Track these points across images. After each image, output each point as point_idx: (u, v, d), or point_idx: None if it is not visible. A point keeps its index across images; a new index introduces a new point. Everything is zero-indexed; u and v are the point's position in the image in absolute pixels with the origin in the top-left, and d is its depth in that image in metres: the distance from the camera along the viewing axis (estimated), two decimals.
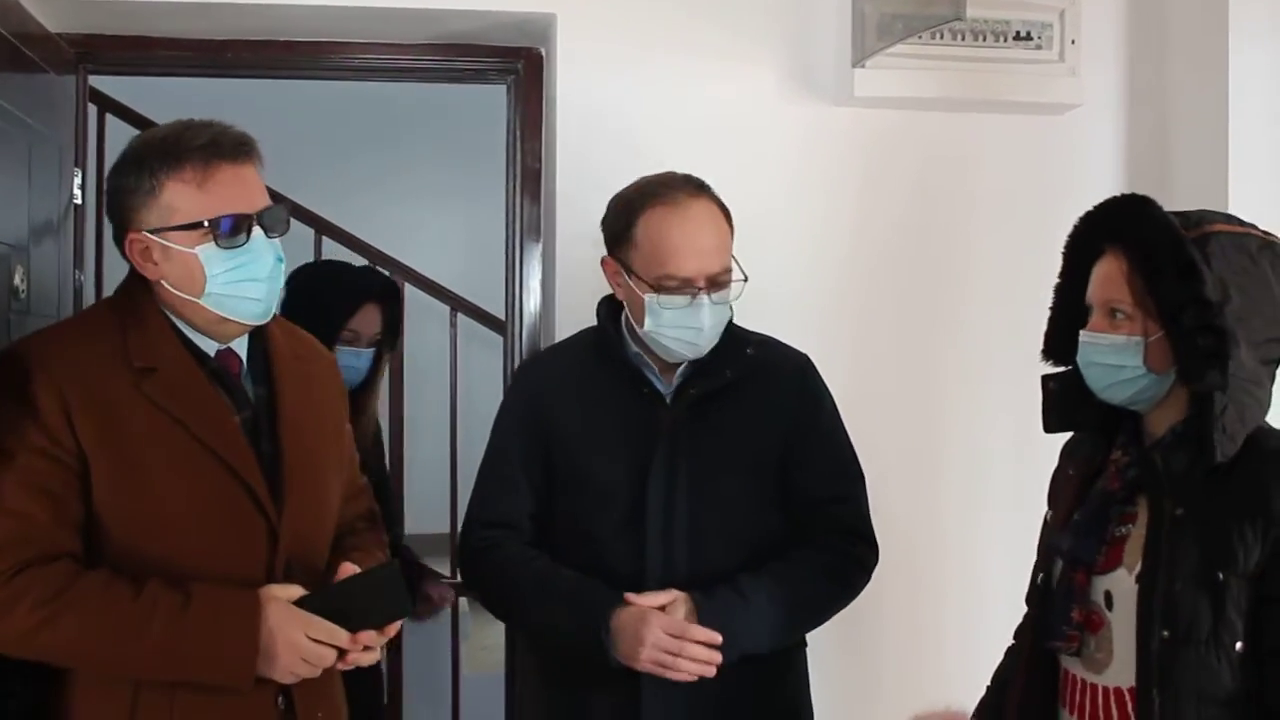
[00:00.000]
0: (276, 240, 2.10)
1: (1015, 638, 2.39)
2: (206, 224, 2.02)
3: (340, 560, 2.14)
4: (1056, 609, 2.09)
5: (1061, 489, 2.23)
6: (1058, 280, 2.22)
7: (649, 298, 2.37)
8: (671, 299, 2.36)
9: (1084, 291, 2.12)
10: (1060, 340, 2.20)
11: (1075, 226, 2.18)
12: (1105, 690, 2.05)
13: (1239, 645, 1.94)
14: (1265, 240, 2.05)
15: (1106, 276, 2.06)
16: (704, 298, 2.36)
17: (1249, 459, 1.97)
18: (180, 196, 2.02)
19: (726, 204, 2.44)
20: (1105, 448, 2.16)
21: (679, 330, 2.38)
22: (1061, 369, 2.21)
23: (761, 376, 2.51)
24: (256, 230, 2.06)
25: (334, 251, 4.78)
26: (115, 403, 2.00)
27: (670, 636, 2.28)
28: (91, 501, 1.99)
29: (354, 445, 2.42)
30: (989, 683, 2.41)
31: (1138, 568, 2.00)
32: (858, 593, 2.52)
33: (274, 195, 2.16)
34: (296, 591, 2.03)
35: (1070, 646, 2.07)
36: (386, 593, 2.08)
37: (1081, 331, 2.09)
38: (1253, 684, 1.94)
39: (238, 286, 2.06)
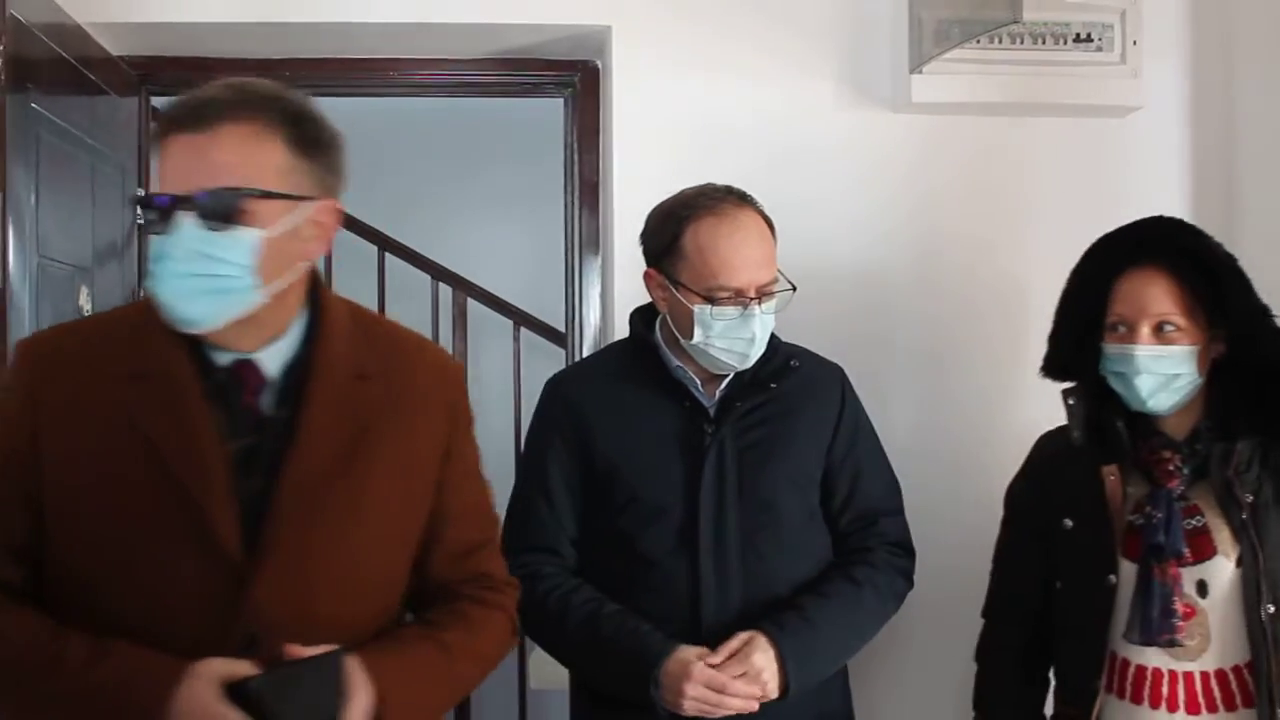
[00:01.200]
0: (210, 230, 1.68)
1: (987, 657, 2.50)
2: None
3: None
4: (1157, 606, 2.18)
5: (1086, 494, 2.30)
6: (1066, 297, 2.37)
7: (699, 309, 2.36)
8: (723, 310, 2.35)
9: (1090, 310, 2.29)
10: (1065, 357, 2.36)
11: (1094, 247, 2.35)
12: (1205, 675, 2.21)
13: None
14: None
15: (1151, 294, 2.21)
16: (755, 308, 2.35)
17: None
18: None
19: (784, 213, 2.44)
20: (1131, 450, 2.28)
21: (730, 341, 2.37)
22: (1070, 384, 2.36)
23: (802, 388, 2.50)
24: (182, 215, 1.67)
25: (396, 267, 4.81)
26: (92, 408, 1.73)
27: (711, 690, 2.27)
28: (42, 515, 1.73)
29: (474, 488, 2.00)
30: (981, 710, 2.49)
31: (1235, 553, 2.18)
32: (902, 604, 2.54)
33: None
34: (242, 670, 1.63)
35: (1182, 637, 2.18)
36: (320, 688, 1.67)
37: (1128, 345, 2.22)
38: None
39: (151, 278, 1.73)
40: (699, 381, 2.46)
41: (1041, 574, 2.38)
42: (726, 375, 2.45)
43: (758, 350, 2.40)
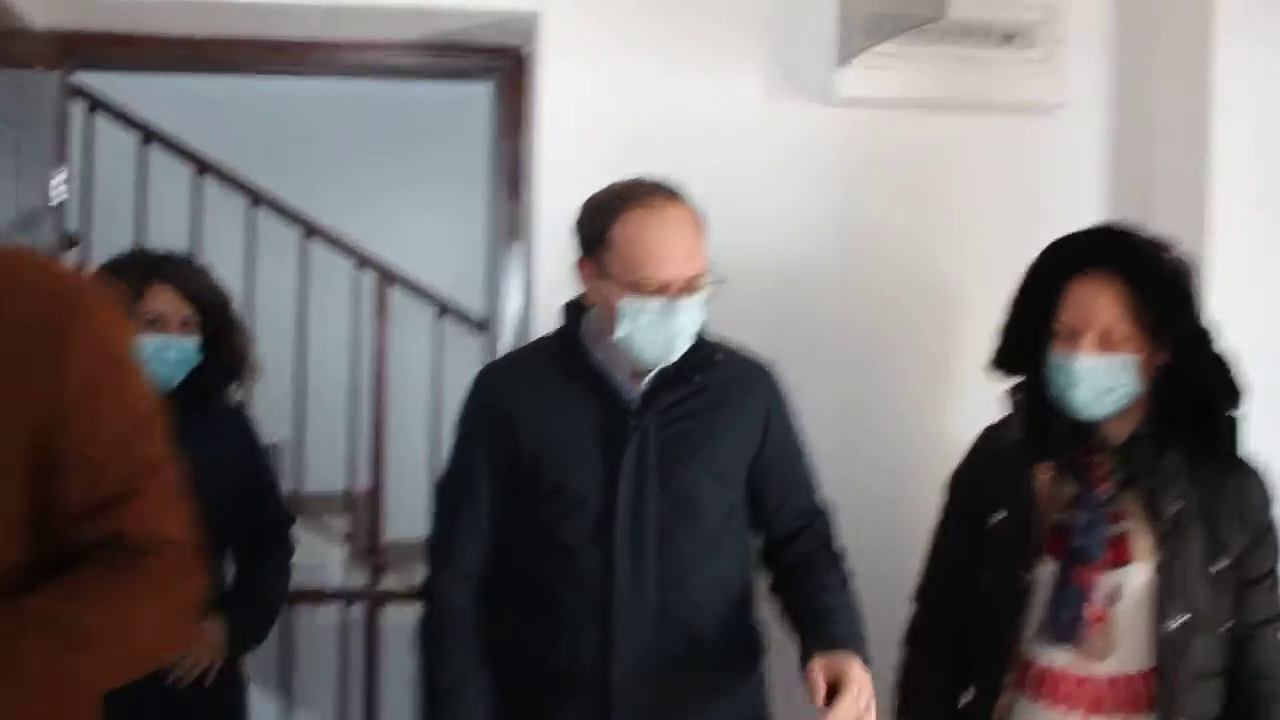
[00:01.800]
0: None
1: (915, 642, 2.51)
2: None
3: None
4: (1069, 607, 2.22)
5: (1019, 490, 2.33)
6: (1019, 297, 2.37)
7: (625, 301, 2.34)
8: (648, 302, 2.34)
9: (1042, 310, 2.29)
10: (1014, 354, 2.37)
11: (1048, 250, 2.35)
12: (1110, 678, 2.23)
13: (1226, 625, 2.23)
14: (1186, 258, 2.29)
15: (1097, 302, 2.22)
16: (680, 301, 2.35)
17: (1216, 457, 2.24)
18: None
19: (711, 205, 2.43)
20: (1071, 451, 2.30)
21: (655, 334, 2.36)
22: (1016, 380, 2.38)
23: (730, 384, 2.49)
24: None
25: (318, 254, 4.77)
26: None
27: None
28: None
29: (106, 434, 1.63)
30: (902, 696, 2.49)
31: (1151, 560, 2.21)
32: None
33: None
34: None
35: (1089, 640, 2.22)
36: None
37: (1073, 353, 2.23)
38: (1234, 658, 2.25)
39: None
40: (624, 375, 2.46)
41: (973, 564, 2.39)
42: (651, 369, 2.45)
43: (683, 344, 2.39)
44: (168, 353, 2.89)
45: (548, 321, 2.85)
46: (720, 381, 2.47)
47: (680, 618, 2.40)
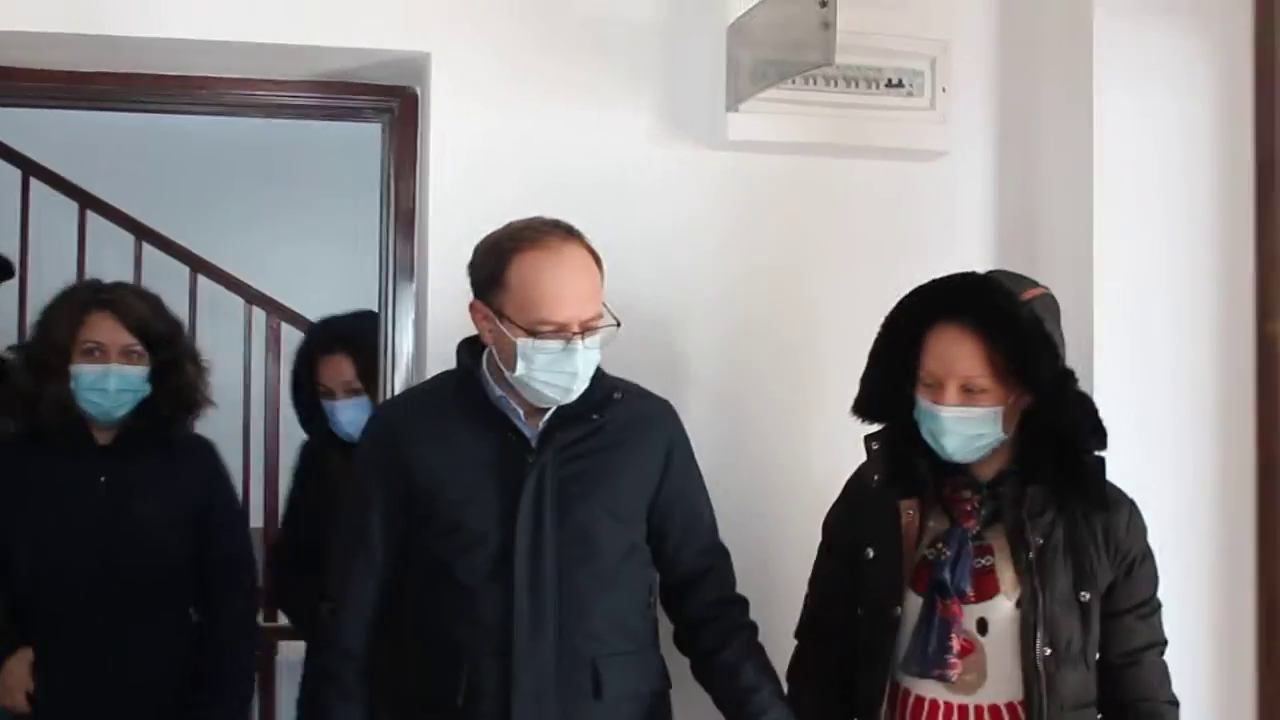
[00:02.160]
0: None
1: (802, 681, 2.55)
2: None
3: None
4: (935, 640, 2.26)
5: (888, 527, 2.39)
6: (877, 346, 2.44)
7: (521, 342, 2.35)
8: (545, 344, 2.35)
9: (902, 357, 2.35)
10: (876, 401, 2.44)
11: (906, 299, 2.41)
12: (979, 708, 2.30)
13: (1096, 655, 2.33)
14: (1050, 293, 2.37)
15: (957, 352, 2.27)
16: (578, 343, 2.35)
17: (1083, 491, 2.31)
18: None
19: (601, 246, 2.44)
20: (934, 489, 2.37)
21: (553, 375, 2.36)
22: (877, 427, 2.45)
23: (629, 423, 2.51)
24: None
25: (209, 290, 4.72)
26: None
27: None
28: None
29: None
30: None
31: (1016, 594, 2.27)
32: None
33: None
34: None
35: (955, 673, 2.25)
36: None
37: (936, 405, 2.28)
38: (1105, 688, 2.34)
39: None
40: (521, 413, 2.45)
41: (849, 600, 2.44)
42: (550, 407, 2.45)
43: (581, 385, 2.40)
44: (106, 381, 2.94)
45: (438, 362, 2.85)
46: (620, 419, 2.48)
47: (580, 656, 2.40)
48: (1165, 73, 3.06)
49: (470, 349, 2.51)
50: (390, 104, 3.30)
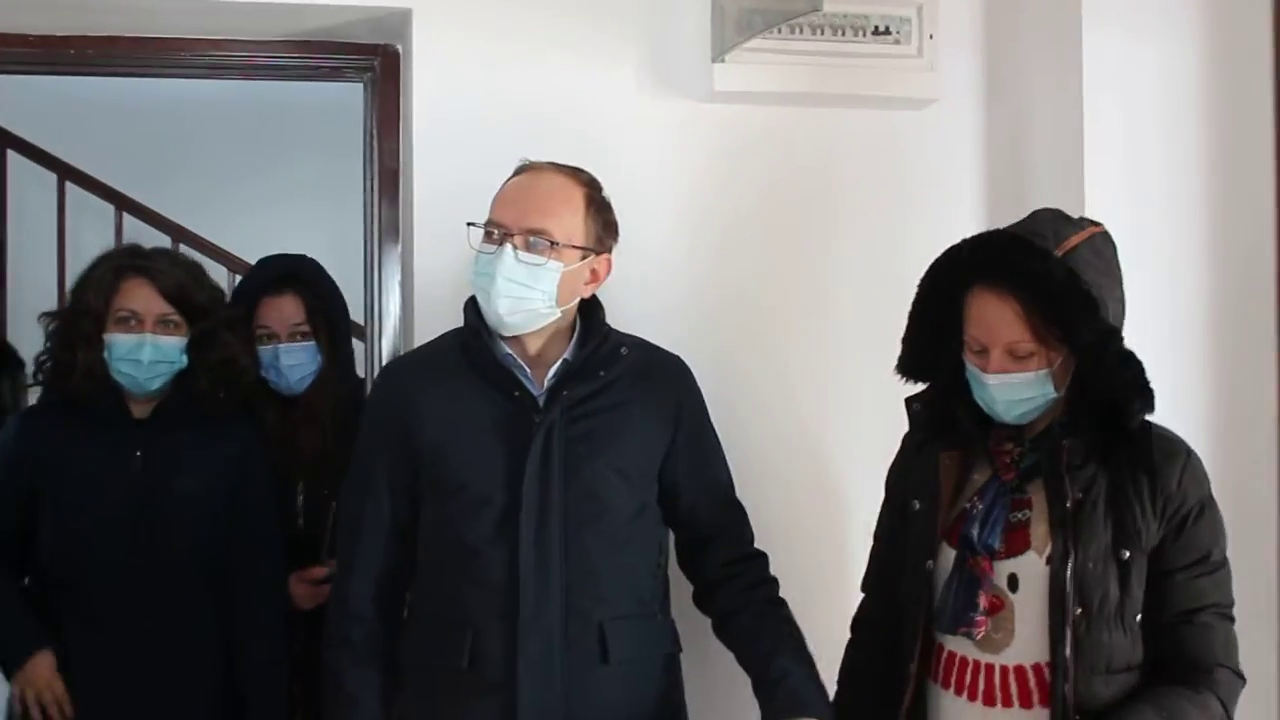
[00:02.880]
0: None
1: (857, 629, 2.51)
2: None
3: None
4: (961, 595, 2.21)
5: (931, 478, 2.32)
6: (915, 307, 2.34)
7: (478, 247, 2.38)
8: (486, 246, 2.36)
9: (945, 315, 2.26)
10: (919, 360, 2.35)
11: (939, 261, 2.30)
12: (1004, 669, 2.21)
13: (1138, 617, 2.16)
14: (1101, 233, 2.24)
15: (997, 318, 2.18)
16: (508, 247, 2.33)
17: (1134, 443, 2.17)
18: None
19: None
20: (978, 440, 2.28)
21: (480, 280, 2.37)
22: (920, 387, 2.37)
23: (639, 379, 2.48)
24: None
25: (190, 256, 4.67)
26: None
27: None
28: None
29: None
30: (841, 681, 2.49)
31: (1047, 550, 2.17)
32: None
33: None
34: None
35: (980, 631, 2.19)
36: None
37: (985, 373, 2.20)
38: (1150, 650, 2.18)
39: None
40: (528, 370, 2.43)
41: (902, 553, 2.39)
42: (555, 362, 2.42)
43: (498, 298, 2.36)
44: (140, 352, 2.82)
45: (426, 323, 2.82)
46: (630, 376, 2.46)
47: (588, 620, 2.37)
48: (1154, 15, 3.02)
49: (476, 306, 2.48)
50: (371, 62, 3.26)
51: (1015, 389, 2.19)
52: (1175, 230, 3.03)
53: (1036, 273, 2.14)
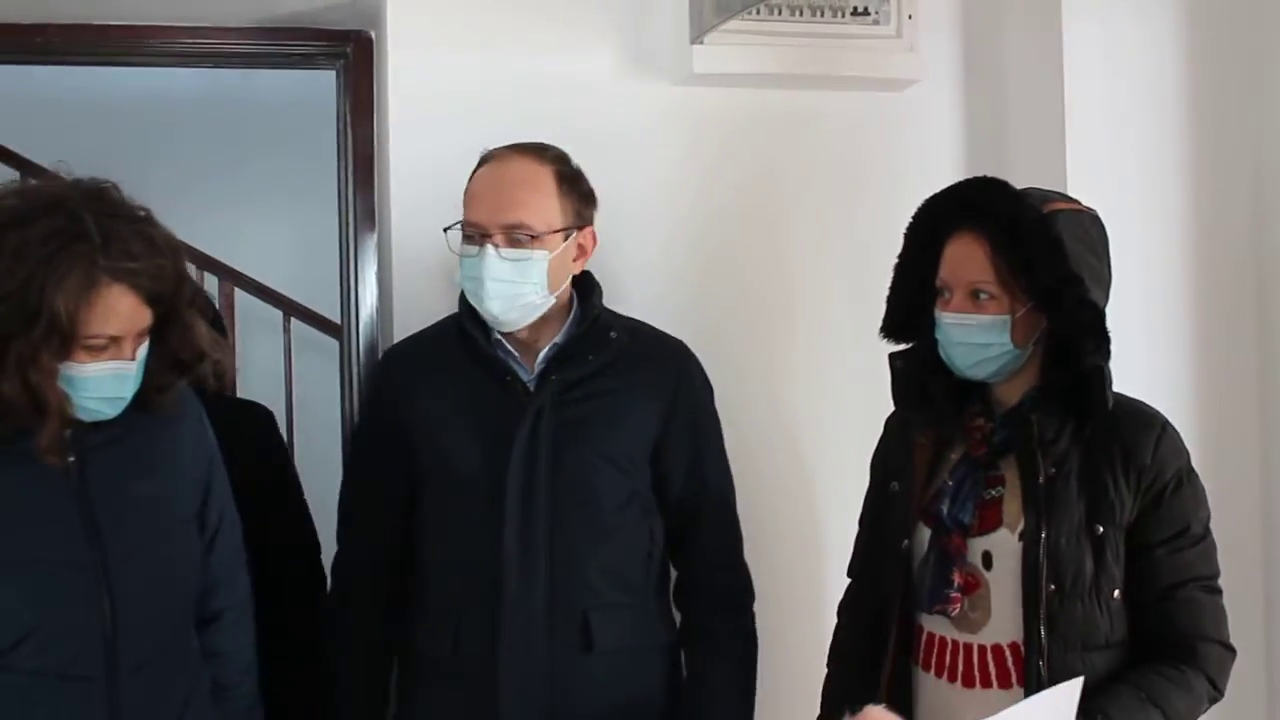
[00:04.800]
0: None
1: (845, 613, 2.47)
2: None
3: None
4: (935, 574, 2.16)
5: (909, 459, 2.29)
6: (899, 259, 2.29)
7: (459, 247, 2.36)
8: (467, 248, 2.33)
9: (927, 270, 2.21)
10: (902, 317, 2.30)
11: (921, 208, 2.27)
12: (981, 648, 2.16)
13: (1116, 593, 2.11)
14: (1091, 214, 2.19)
15: (966, 257, 2.15)
16: (489, 247, 2.31)
17: (1110, 417, 2.12)
18: None
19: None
20: (951, 416, 2.24)
21: (469, 281, 2.35)
22: (904, 346, 2.31)
23: (634, 364, 2.45)
24: None
25: None
26: None
27: None
28: None
29: None
30: (830, 664, 2.45)
31: (1020, 526, 2.12)
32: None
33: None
34: None
35: (955, 609, 2.14)
36: None
37: (943, 313, 2.17)
38: (1137, 627, 2.13)
39: None
40: (518, 355, 2.39)
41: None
42: (544, 347, 2.39)
43: (490, 299, 2.33)
44: (122, 388, 2.05)
45: (406, 316, 2.80)
46: (622, 361, 2.43)
47: (572, 607, 2.35)
48: None
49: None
50: (344, 49, 3.22)
51: (971, 331, 2.13)
52: (1157, 214, 3.03)
53: (1009, 215, 2.12)
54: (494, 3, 3.02)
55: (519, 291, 2.34)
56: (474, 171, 2.41)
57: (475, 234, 2.34)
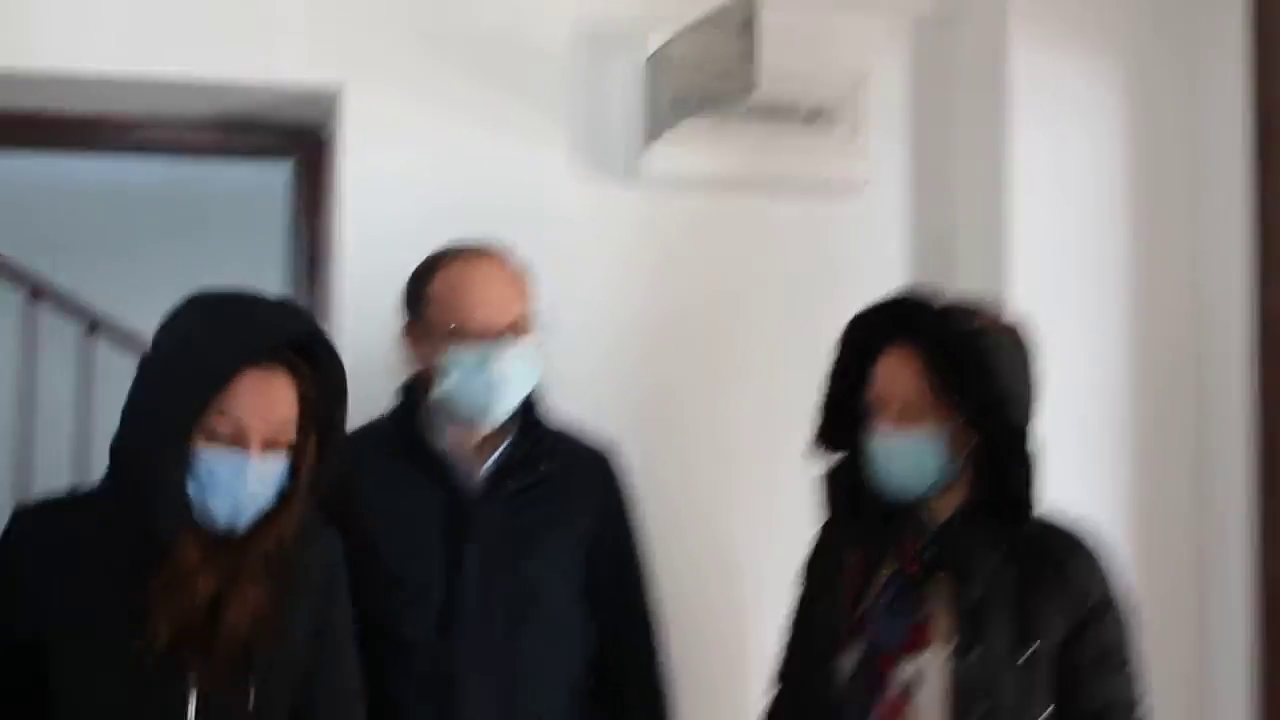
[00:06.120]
0: None
1: (768, 715, 2.42)
2: None
3: None
4: (862, 697, 2.12)
5: (838, 572, 2.25)
6: (832, 369, 2.29)
7: (442, 355, 2.32)
8: (463, 352, 2.30)
9: (857, 382, 2.21)
10: (833, 428, 2.28)
11: (853, 320, 2.27)
12: None
13: (1047, 712, 2.08)
14: (1016, 330, 2.21)
15: (898, 374, 2.15)
16: (497, 347, 2.30)
17: (1043, 537, 2.14)
18: None
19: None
20: (881, 532, 2.21)
21: (470, 388, 2.32)
22: (833, 460, 2.29)
23: (570, 470, 2.45)
24: None
25: (105, 349, 4.55)
26: None
27: None
28: None
29: None
30: None
31: (950, 646, 2.08)
32: None
33: None
34: None
35: None
36: None
37: (876, 429, 2.16)
38: None
39: None
40: (464, 459, 2.38)
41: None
42: (493, 454, 2.37)
43: (500, 400, 2.33)
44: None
45: (356, 409, 2.75)
46: (562, 467, 2.41)
47: (527, 712, 2.33)
48: (1081, 107, 3.08)
49: (410, 393, 2.45)
50: (299, 142, 3.22)
51: (904, 449, 2.13)
52: (1096, 323, 3.07)
53: (938, 330, 2.13)
54: (450, 99, 3.02)
55: (514, 389, 2.37)
56: (441, 271, 2.40)
57: (472, 336, 2.33)
